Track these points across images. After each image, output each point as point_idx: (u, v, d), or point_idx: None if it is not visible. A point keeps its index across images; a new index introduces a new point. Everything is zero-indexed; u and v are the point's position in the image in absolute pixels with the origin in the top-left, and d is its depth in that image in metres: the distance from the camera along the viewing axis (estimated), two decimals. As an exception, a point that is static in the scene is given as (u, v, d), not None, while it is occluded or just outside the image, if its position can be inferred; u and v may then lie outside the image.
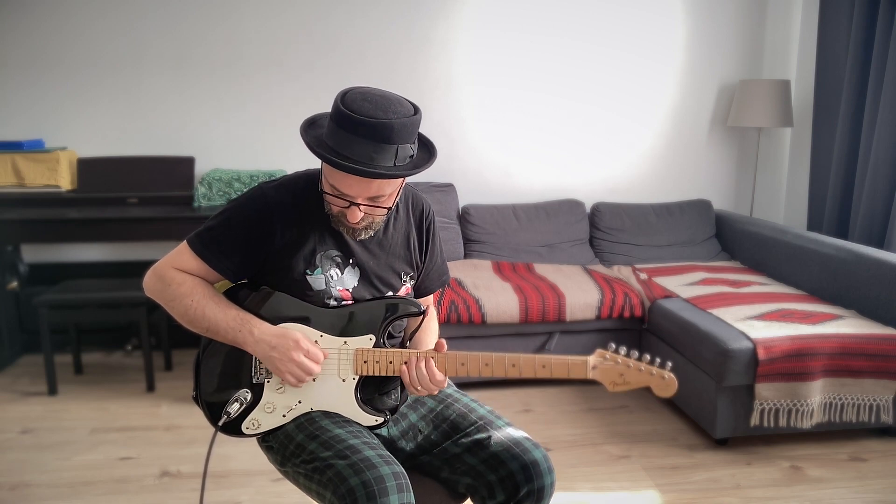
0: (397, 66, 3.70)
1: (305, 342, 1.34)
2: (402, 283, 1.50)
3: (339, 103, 1.24)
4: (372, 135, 1.21)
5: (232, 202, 1.40)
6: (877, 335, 2.50)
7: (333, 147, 1.24)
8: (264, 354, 1.35)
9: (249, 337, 1.34)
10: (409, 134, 1.26)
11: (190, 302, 1.36)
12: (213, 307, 1.36)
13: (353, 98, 1.24)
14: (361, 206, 1.30)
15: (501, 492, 1.38)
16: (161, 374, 3.26)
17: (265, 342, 1.34)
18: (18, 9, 3.40)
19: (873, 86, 3.08)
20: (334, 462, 1.26)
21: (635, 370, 1.39)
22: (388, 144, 1.23)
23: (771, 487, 2.33)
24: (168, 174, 3.47)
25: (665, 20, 3.85)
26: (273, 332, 1.35)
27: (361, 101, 1.24)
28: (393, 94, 1.28)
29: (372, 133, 1.21)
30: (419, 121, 1.28)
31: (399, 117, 1.23)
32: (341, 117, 1.23)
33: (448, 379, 1.60)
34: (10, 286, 3.37)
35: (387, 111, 1.23)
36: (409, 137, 1.26)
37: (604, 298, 3.04)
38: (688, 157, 4.04)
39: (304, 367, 1.33)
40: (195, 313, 1.36)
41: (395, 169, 1.25)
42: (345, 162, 1.22)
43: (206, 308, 1.36)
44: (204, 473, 1.40)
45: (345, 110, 1.22)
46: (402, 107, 1.26)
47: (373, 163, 1.23)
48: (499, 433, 1.42)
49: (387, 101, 1.25)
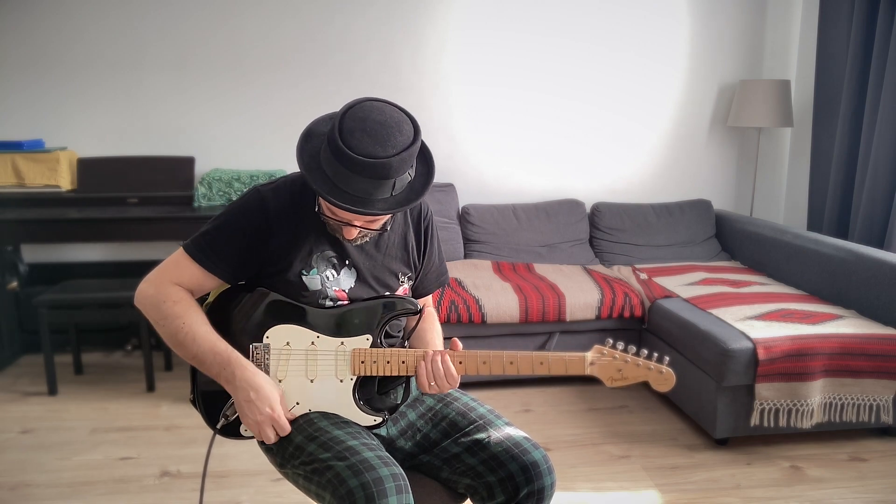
0: (398, 67, 3.70)
1: (279, 412, 1.33)
2: (399, 285, 1.50)
3: (337, 136, 1.21)
4: (371, 173, 1.21)
5: (227, 206, 1.40)
6: (877, 335, 2.50)
7: (332, 178, 1.24)
8: (240, 402, 1.33)
9: (231, 378, 1.32)
10: (407, 165, 1.26)
11: (181, 324, 1.34)
12: (203, 336, 1.34)
13: (352, 130, 1.21)
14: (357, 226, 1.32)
15: (501, 493, 1.38)
16: (161, 374, 3.26)
17: (244, 392, 1.32)
18: (18, 9, 3.40)
19: (873, 86, 3.08)
20: (333, 463, 1.26)
21: (633, 365, 1.39)
22: (386, 180, 1.23)
23: (771, 487, 2.33)
24: (168, 174, 3.47)
25: (665, 20, 3.85)
26: (253, 385, 1.32)
27: (361, 136, 1.20)
28: (392, 117, 1.24)
29: (371, 172, 1.21)
30: (419, 145, 1.27)
31: (398, 150, 1.21)
32: (339, 153, 1.21)
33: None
34: (10, 286, 3.37)
35: (385, 145, 1.20)
36: (406, 168, 1.26)
37: (604, 298, 3.04)
38: (688, 157, 4.04)
39: (265, 434, 1.33)
40: (185, 338, 1.34)
41: (392, 201, 1.26)
42: (343, 202, 1.23)
43: (196, 335, 1.33)
44: (203, 476, 1.40)
45: (344, 148, 1.20)
46: (402, 135, 1.23)
47: (371, 198, 1.24)
48: (498, 433, 1.42)
49: (386, 132, 1.21)
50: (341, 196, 1.23)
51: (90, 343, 3.55)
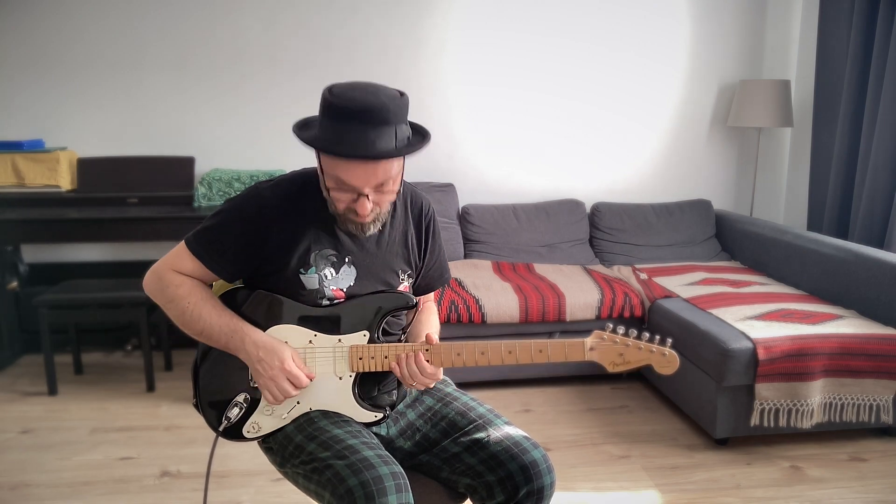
0: (398, 66, 3.70)
1: (290, 363, 1.34)
2: (399, 282, 1.49)
3: (328, 98, 1.25)
4: (370, 118, 1.22)
5: (228, 202, 1.40)
6: (877, 335, 2.50)
7: (333, 134, 1.25)
8: (252, 365, 1.35)
9: (241, 345, 1.35)
10: (403, 115, 1.28)
11: (187, 304, 1.36)
12: (209, 310, 1.36)
13: (342, 90, 1.26)
14: (370, 196, 1.30)
15: (501, 492, 1.38)
16: (161, 374, 3.26)
17: (254, 352, 1.34)
18: (18, 9, 3.40)
19: (873, 86, 3.07)
20: (333, 462, 1.26)
21: (634, 348, 1.36)
22: (386, 126, 1.24)
23: (771, 487, 2.33)
24: (168, 174, 3.47)
25: (665, 20, 3.85)
26: (262, 344, 1.34)
27: (351, 92, 1.25)
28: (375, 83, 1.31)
29: (370, 117, 1.22)
30: (408, 102, 1.30)
31: (391, 99, 1.25)
32: (335, 110, 1.23)
33: (448, 378, 1.60)
34: (10, 286, 3.37)
35: (378, 95, 1.25)
36: (403, 118, 1.28)
37: (604, 298, 3.04)
38: (688, 157, 4.04)
39: (282, 389, 1.33)
40: (191, 315, 1.36)
41: (396, 150, 1.26)
42: (348, 150, 1.23)
43: (202, 311, 1.36)
44: (206, 478, 1.40)
45: (338, 102, 1.23)
46: (390, 90, 1.28)
47: (375, 146, 1.23)
48: (497, 432, 1.42)
49: (374, 87, 1.28)
50: (346, 147, 1.23)
51: (90, 343, 3.55)
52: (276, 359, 1.33)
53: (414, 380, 1.38)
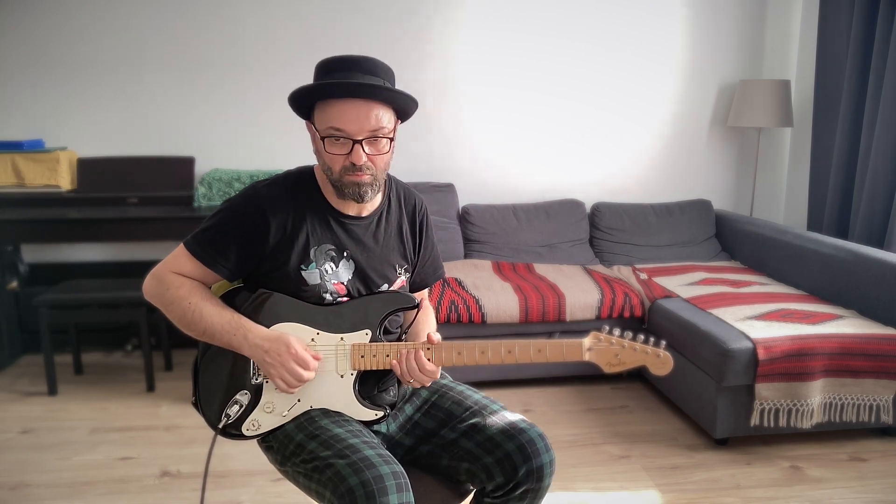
0: (398, 66, 3.63)
1: (296, 347, 1.34)
2: (396, 276, 1.51)
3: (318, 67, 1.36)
4: (359, 67, 1.32)
5: (225, 202, 1.41)
6: (877, 335, 2.50)
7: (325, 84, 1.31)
8: (259, 359, 1.36)
9: (244, 341, 1.35)
10: (391, 77, 1.37)
11: (188, 305, 1.36)
12: (210, 310, 1.37)
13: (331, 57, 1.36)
14: (364, 146, 1.31)
15: (500, 473, 1.38)
16: (161, 374, 3.26)
17: (259, 346, 1.34)
18: (18, 9, 3.40)
19: (873, 86, 3.08)
20: (334, 461, 1.26)
21: (630, 350, 1.39)
22: (374, 77, 1.32)
23: (771, 487, 2.33)
24: (168, 174, 3.47)
25: (665, 20, 3.85)
26: (266, 336, 1.35)
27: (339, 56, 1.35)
28: None
29: (359, 66, 1.33)
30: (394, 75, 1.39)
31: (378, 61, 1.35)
32: (325, 64, 1.34)
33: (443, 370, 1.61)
34: (10, 286, 3.37)
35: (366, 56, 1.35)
36: (391, 79, 1.37)
37: (604, 298, 3.04)
38: (688, 158, 4.04)
39: (295, 373, 1.33)
40: (192, 316, 1.36)
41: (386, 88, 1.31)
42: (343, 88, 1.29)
43: (203, 310, 1.36)
44: (204, 477, 1.41)
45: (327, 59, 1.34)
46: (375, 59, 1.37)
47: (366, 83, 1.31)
48: (494, 416, 1.43)
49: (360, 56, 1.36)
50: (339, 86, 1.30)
51: (90, 343, 3.55)
52: (281, 345, 1.34)
53: (412, 376, 1.39)
